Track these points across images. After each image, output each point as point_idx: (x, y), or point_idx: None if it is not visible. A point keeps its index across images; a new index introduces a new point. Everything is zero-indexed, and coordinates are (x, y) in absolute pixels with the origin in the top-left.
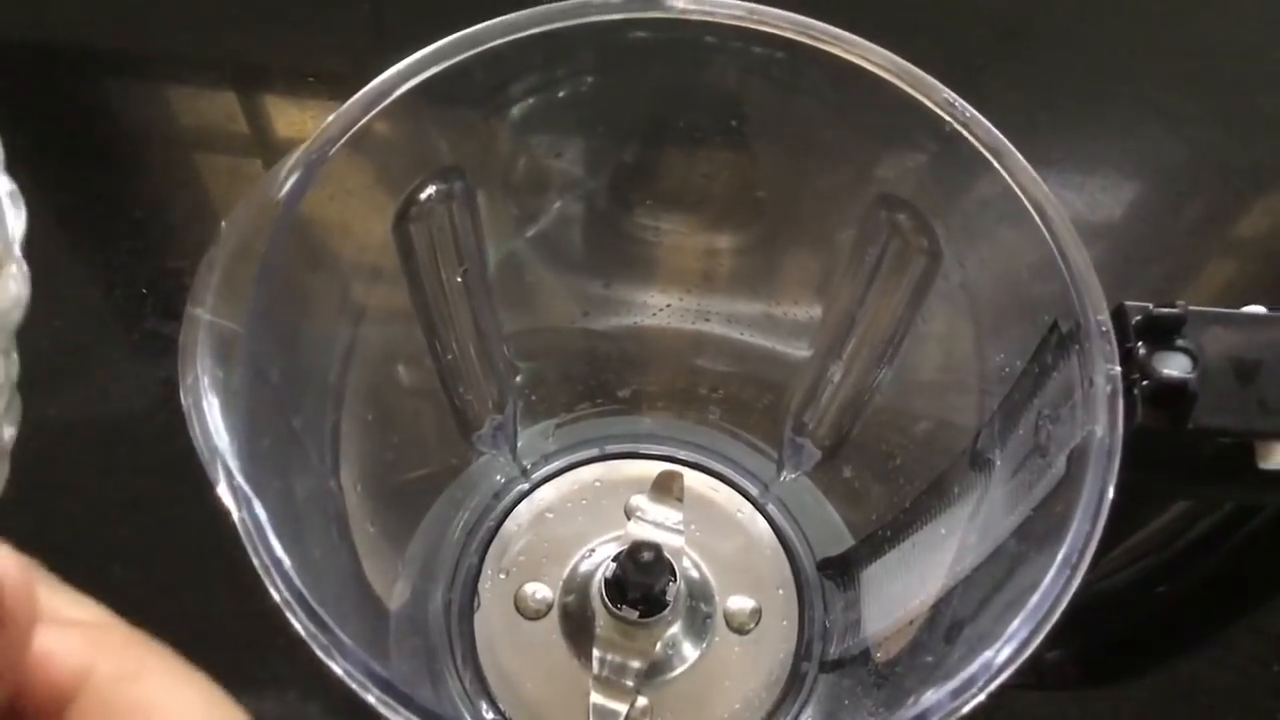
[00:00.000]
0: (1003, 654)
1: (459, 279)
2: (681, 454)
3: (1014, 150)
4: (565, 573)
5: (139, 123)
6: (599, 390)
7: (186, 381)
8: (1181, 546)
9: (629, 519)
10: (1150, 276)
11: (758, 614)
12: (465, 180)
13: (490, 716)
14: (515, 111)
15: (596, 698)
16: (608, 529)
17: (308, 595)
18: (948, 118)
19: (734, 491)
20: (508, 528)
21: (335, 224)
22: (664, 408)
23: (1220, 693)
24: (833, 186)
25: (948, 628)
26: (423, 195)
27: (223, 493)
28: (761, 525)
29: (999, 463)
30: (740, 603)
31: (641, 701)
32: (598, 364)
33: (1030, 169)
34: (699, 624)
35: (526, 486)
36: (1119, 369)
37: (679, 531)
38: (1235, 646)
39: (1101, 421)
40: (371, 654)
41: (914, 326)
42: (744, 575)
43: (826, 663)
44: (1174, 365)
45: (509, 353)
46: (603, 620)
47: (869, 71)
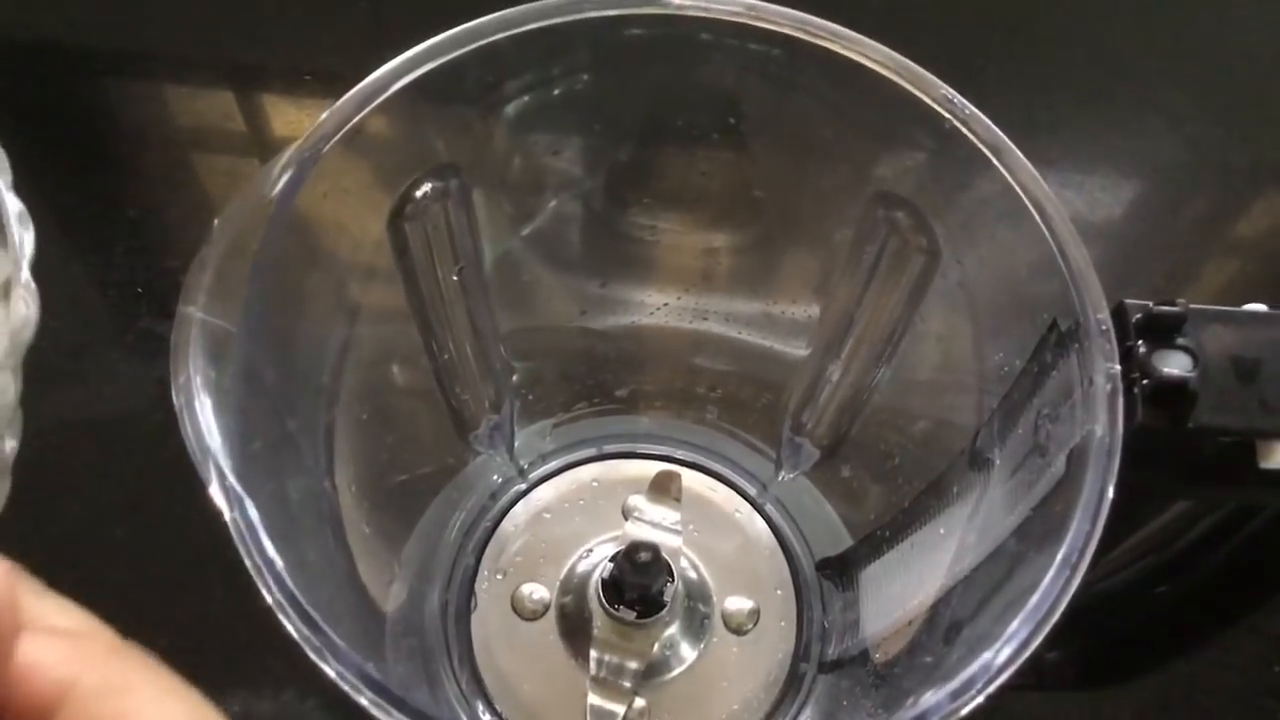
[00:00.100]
0: (1002, 654)
1: (455, 278)
2: (679, 454)
3: (1014, 148)
4: (562, 573)
5: (135, 122)
6: (596, 390)
7: (178, 381)
8: (1181, 546)
9: (626, 519)
10: (1150, 275)
11: (756, 614)
12: (461, 178)
13: (487, 718)
14: (511, 109)
15: (594, 699)
16: (605, 529)
17: (300, 597)
18: (947, 115)
19: (732, 491)
20: (505, 528)
21: (329, 222)
22: (662, 407)
23: (1220, 693)
24: (831, 184)
25: (947, 628)
26: (418, 193)
27: (215, 493)
28: (760, 525)
29: (998, 462)
30: (738, 603)
31: (639, 702)
32: (595, 363)
33: (1030, 167)
34: (697, 624)
35: (524, 487)
36: (1119, 368)
37: (677, 532)
38: (1235, 647)
39: (1101, 421)
40: (366, 656)
41: (913, 325)
42: (742, 575)
43: (825, 663)
44: (1174, 364)
45: (505, 352)
46: (600, 621)
47: (868, 68)
